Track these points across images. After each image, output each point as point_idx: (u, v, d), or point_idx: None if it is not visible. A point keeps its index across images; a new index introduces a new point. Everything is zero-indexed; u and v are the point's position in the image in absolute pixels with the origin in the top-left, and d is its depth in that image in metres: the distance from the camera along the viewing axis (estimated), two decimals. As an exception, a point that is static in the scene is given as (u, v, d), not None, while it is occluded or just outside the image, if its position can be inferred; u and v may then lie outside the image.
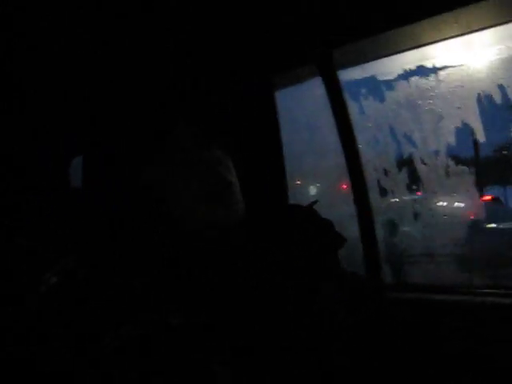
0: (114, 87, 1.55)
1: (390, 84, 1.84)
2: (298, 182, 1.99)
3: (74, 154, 2.05)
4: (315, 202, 1.11)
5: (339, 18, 1.45)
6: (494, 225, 3.14)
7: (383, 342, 1.16)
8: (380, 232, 1.70)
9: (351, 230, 1.63)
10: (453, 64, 1.72)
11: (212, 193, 0.95)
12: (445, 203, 2.27)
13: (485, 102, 1.76)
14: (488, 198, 2.73)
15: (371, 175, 1.90)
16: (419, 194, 2.14)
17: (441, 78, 1.75)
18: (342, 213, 1.85)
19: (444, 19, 1.39)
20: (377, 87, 1.86)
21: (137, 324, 0.70)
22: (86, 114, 1.60)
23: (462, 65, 1.71)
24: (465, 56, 1.66)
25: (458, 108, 1.81)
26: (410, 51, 1.58)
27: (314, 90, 1.75)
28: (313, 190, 2.12)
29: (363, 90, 1.92)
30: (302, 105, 1.94)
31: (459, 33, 1.46)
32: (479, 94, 1.76)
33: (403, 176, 2.07)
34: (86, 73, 1.55)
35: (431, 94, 1.81)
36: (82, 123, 1.59)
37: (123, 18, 1.36)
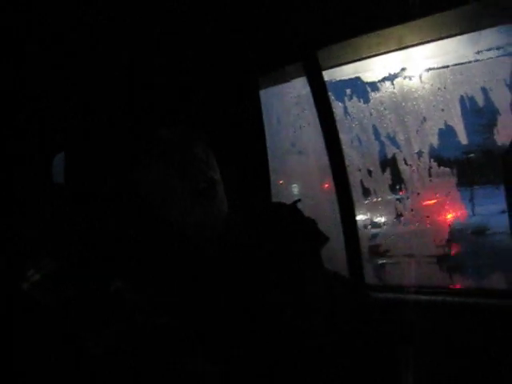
0: (98, 86, 1.53)
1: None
2: (281, 182, 1.99)
3: (56, 150, 2.03)
4: (298, 201, 1.11)
5: (325, 18, 1.45)
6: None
7: (368, 341, 1.16)
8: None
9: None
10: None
11: (196, 190, 0.94)
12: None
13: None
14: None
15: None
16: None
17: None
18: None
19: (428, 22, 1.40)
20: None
21: (123, 324, 0.70)
22: (68, 110, 1.58)
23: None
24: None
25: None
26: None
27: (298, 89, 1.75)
28: (295, 189, 2.12)
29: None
30: (286, 104, 1.94)
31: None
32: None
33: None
34: (70, 70, 1.53)
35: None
36: (65, 120, 1.58)
37: (108, 16, 1.34)
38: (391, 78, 1.80)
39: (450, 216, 2.32)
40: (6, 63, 1.46)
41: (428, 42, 1.53)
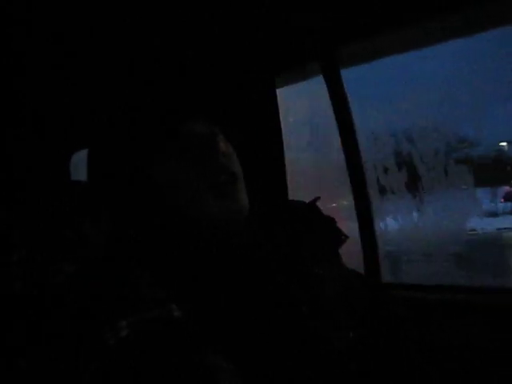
0: (120, 81, 1.55)
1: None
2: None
3: (76, 147, 2.05)
4: (318, 198, 1.11)
5: (343, 16, 1.45)
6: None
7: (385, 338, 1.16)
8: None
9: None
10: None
11: (217, 184, 0.95)
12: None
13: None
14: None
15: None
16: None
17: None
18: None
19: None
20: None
21: (139, 316, 0.70)
22: (91, 107, 1.60)
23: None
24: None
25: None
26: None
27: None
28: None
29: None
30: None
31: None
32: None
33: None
34: (92, 67, 1.55)
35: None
36: (87, 116, 1.60)
37: (128, 12, 1.36)
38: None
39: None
40: (25, 59, 1.48)
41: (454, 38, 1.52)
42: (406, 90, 1.91)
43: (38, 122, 1.84)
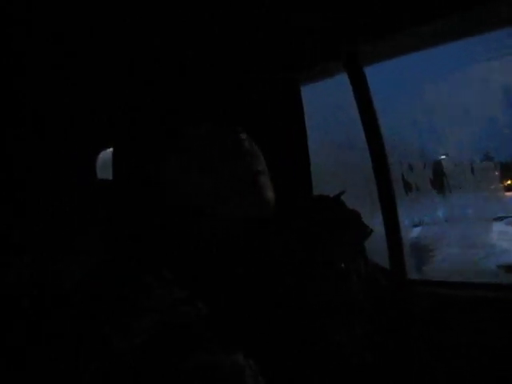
0: (142, 80, 1.57)
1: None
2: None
3: (101, 146, 2.09)
4: (342, 193, 1.11)
5: (366, 14, 1.45)
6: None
7: (406, 333, 1.16)
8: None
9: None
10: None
11: (241, 183, 0.96)
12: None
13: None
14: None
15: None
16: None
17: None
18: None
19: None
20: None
21: (152, 318, 0.70)
22: (115, 106, 1.63)
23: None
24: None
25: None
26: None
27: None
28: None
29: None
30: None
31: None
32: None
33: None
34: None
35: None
36: (112, 115, 1.62)
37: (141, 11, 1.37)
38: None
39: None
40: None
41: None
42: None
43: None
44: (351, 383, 0.91)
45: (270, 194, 0.98)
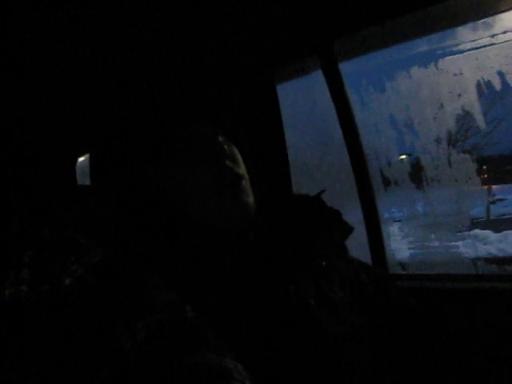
0: (121, 85, 1.56)
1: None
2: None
3: (80, 151, 2.07)
4: (323, 192, 1.11)
5: (340, 8, 1.45)
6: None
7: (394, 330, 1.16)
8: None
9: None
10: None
11: (221, 186, 0.95)
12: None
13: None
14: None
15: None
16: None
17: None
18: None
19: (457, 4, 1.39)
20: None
21: (155, 318, 0.70)
22: (93, 111, 1.61)
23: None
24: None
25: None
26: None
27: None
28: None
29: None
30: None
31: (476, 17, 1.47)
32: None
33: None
34: (93, 71, 1.56)
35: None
36: (90, 121, 1.60)
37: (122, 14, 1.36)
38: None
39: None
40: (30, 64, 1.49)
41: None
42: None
43: (42, 125, 1.85)
44: (343, 377, 0.92)
45: (250, 198, 0.98)
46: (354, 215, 1.68)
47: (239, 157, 1.02)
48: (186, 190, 0.97)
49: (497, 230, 3.41)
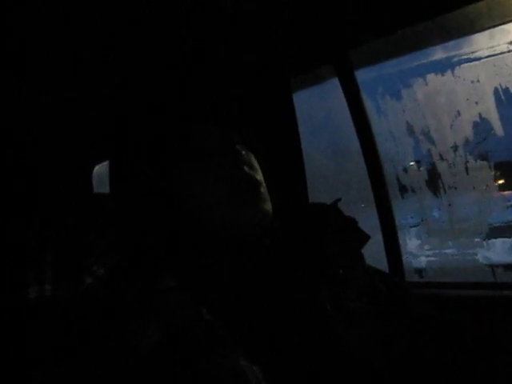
0: (137, 91, 1.57)
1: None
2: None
3: (98, 159, 2.09)
4: (339, 200, 1.12)
5: (355, 17, 1.45)
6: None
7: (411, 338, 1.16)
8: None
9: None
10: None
11: (240, 193, 0.96)
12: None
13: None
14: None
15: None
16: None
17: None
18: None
19: (477, 10, 1.39)
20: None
21: (169, 319, 0.71)
22: (111, 118, 1.63)
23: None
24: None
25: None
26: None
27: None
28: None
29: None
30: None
31: (494, 24, 1.46)
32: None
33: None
34: (110, 77, 1.57)
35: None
36: (107, 128, 1.62)
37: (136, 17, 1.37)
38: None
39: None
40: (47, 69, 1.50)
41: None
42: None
43: (59, 132, 1.87)
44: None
45: (268, 205, 0.99)
46: (368, 222, 1.68)
47: (257, 164, 1.03)
48: (204, 197, 0.97)
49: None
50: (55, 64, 1.51)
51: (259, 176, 1.00)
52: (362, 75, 1.65)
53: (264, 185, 1.00)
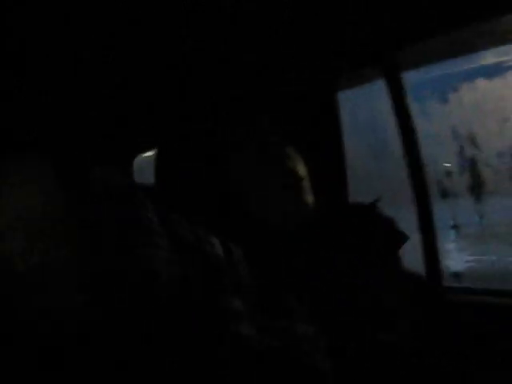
0: (191, 83, 1.59)
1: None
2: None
3: (140, 150, 2.14)
4: (378, 200, 1.13)
5: (405, 18, 1.45)
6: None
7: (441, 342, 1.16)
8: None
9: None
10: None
11: (285, 186, 1.02)
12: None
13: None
14: None
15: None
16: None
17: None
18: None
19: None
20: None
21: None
22: (161, 109, 1.66)
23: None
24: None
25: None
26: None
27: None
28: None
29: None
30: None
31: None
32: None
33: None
34: (161, 69, 1.59)
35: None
36: (157, 118, 1.65)
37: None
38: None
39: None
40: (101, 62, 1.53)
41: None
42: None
43: (102, 122, 1.90)
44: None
45: (309, 199, 1.05)
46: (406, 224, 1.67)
47: (300, 159, 1.08)
48: (251, 188, 1.04)
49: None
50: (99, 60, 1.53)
51: (303, 171, 1.06)
52: (409, 77, 1.65)
53: (307, 180, 1.07)
